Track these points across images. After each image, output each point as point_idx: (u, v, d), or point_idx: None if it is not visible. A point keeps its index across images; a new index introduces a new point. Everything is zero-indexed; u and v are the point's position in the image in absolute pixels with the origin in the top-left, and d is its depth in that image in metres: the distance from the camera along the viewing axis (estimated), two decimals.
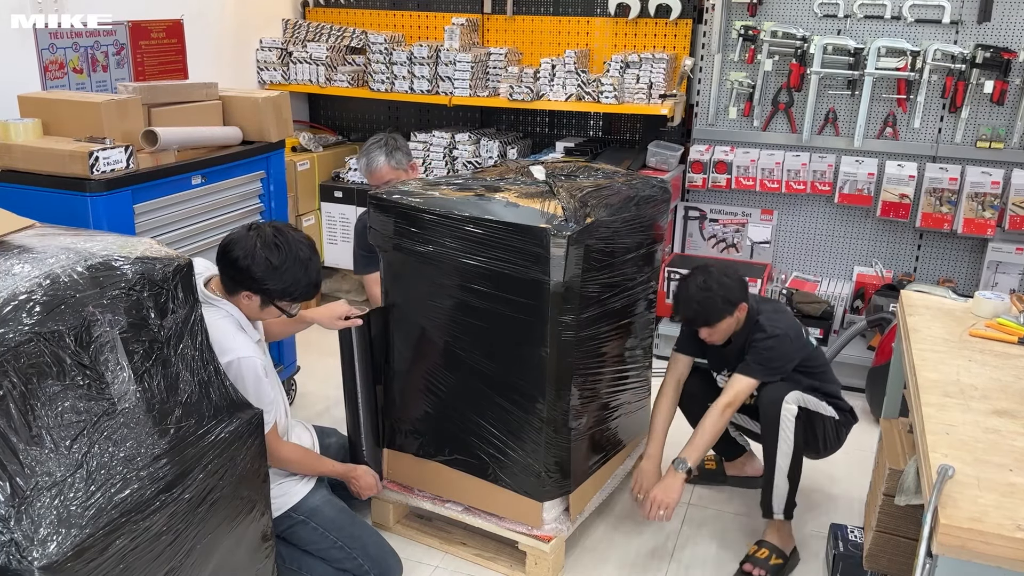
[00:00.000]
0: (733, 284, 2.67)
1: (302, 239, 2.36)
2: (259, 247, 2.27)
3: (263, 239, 2.28)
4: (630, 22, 4.32)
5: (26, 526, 1.51)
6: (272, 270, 2.28)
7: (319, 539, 2.50)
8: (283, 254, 2.28)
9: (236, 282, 2.33)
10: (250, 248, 2.27)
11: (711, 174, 4.27)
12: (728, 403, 2.68)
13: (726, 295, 2.65)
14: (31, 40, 3.28)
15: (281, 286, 2.31)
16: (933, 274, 4.21)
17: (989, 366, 2.11)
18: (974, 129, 3.95)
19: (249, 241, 2.28)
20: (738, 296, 2.68)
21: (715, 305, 2.65)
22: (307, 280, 2.34)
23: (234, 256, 2.28)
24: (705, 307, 2.65)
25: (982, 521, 1.49)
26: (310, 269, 2.34)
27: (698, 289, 2.66)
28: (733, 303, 2.66)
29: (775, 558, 2.70)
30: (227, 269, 2.32)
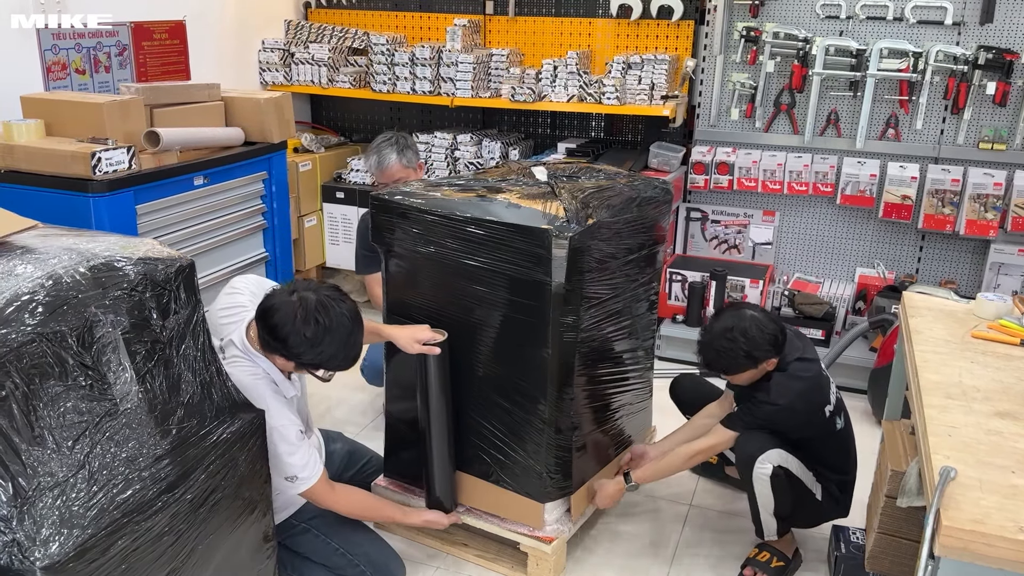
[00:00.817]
0: (762, 338, 2.42)
1: (345, 312, 2.21)
2: (299, 319, 2.15)
3: (304, 310, 2.15)
4: (632, 23, 4.32)
5: (28, 526, 1.51)
6: (309, 345, 2.17)
7: (321, 546, 2.48)
8: (322, 329, 2.16)
9: (271, 347, 2.24)
10: (289, 318, 2.16)
11: (713, 175, 4.27)
12: (702, 451, 2.60)
13: (750, 350, 2.42)
14: (34, 41, 3.29)
15: (316, 360, 2.23)
16: (935, 275, 4.21)
17: (991, 368, 2.11)
18: (976, 130, 3.94)
19: (289, 310, 2.16)
20: (764, 353, 2.44)
21: (735, 358, 2.44)
22: (344, 355, 2.24)
23: (273, 323, 2.18)
24: (724, 357, 2.46)
25: (984, 523, 1.49)
26: (350, 345, 2.23)
27: (722, 335, 2.45)
28: (756, 359, 2.44)
29: (776, 561, 2.69)
30: (265, 332, 2.22)
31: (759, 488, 2.52)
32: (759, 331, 2.42)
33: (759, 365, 2.46)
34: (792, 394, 2.46)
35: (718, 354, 2.47)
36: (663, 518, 3.02)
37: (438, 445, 2.61)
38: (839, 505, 2.66)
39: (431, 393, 2.55)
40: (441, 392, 2.56)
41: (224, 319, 2.36)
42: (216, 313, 2.37)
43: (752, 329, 2.42)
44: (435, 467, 2.63)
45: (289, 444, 2.27)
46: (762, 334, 2.42)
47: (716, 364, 2.51)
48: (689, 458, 2.63)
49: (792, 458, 2.51)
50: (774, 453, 2.48)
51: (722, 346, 2.44)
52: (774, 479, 2.48)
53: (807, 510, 2.62)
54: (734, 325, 2.44)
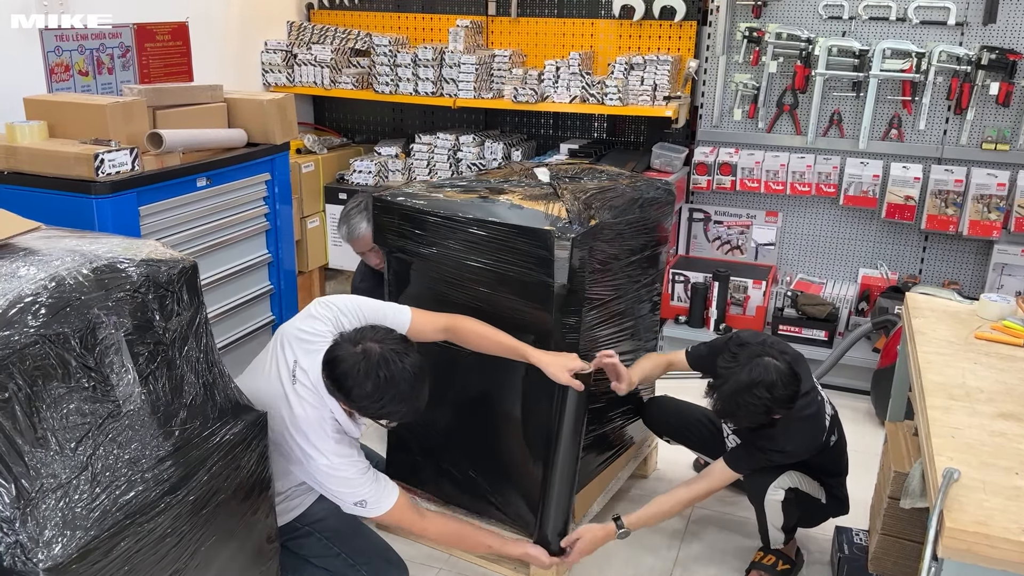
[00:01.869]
0: (785, 394, 2.29)
1: (408, 366, 2.15)
2: (360, 373, 2.13)
3: (367, 363, 2.13)
4: (634, 24, 4.32)
5: (31, 528, 1.51)
6: (370, 399, 2.16)
7: (323, 551, 2.48)
8: (383, 383, 2.13)
9: (334, 395, 2.23)
10: (352, 371, 2.13)
11: (715, 176, 4.26)
12: (700, 495, 2.56)
13: (772, 406, 2.29)
14: (37, 42, 3.29)
15: (378, 413, 2.23)
16: (938, 276, 4.20)
17: (995, 369, 2.10)
18: (980, 131, 3.94)
19: (352, 362, 2.14)
20: (784, 410, 2.33)
21: (754, 414, 2.32)
22: (407, 408, 2.22)
23: (336, 375, 2.17)
24: (743, 411, 2.32)
25: (988, 525, 1.48)
26: (412, 398, 2.20)
27: (747, 389, 2.28)
28: (773, 413, 2.34)
29: (782, 564, 2.69)
30: (329, 381, 2.20)
31: (771, 511, 2.54)
32: (784, 387, 2.28)
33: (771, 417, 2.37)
34: (798, 438, 2.44)
35: (738, 407, 2.31)
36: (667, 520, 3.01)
37: (561, 482, 2.51)
38: (841, 505, 2.69)
39: (564, 426, 2.46)
40: (574, 428, 2.47)
41: (300, 339, 2.31)
42: (295, 325, 2.35)
43: (778, 386, 2.27)
44: (553, 504, 2.53)
45: (348, 483, 2.27)
46: (786, 389, 2.29)
47: (732, 417, 2.43)
48: (686, 503, 2.58)
49: (802, 476, 2.53)
50: (785, 478, 2.50)
51: (744, 401, 2.29)
52: (785, 502, 2.51)
53: (814, 515, 2.66)
54: (762, 379, 2.27)
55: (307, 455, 2.24)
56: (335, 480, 2.27)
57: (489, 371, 2.56)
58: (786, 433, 2.41)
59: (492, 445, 2.65)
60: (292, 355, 2.28)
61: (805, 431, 2.44)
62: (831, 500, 2.64)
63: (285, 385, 2.26)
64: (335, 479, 2.27)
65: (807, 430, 2.44)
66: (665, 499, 2.57)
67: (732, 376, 2.31)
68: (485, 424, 2.65)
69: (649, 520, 2.57)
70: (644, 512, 2.56)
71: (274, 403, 2.25)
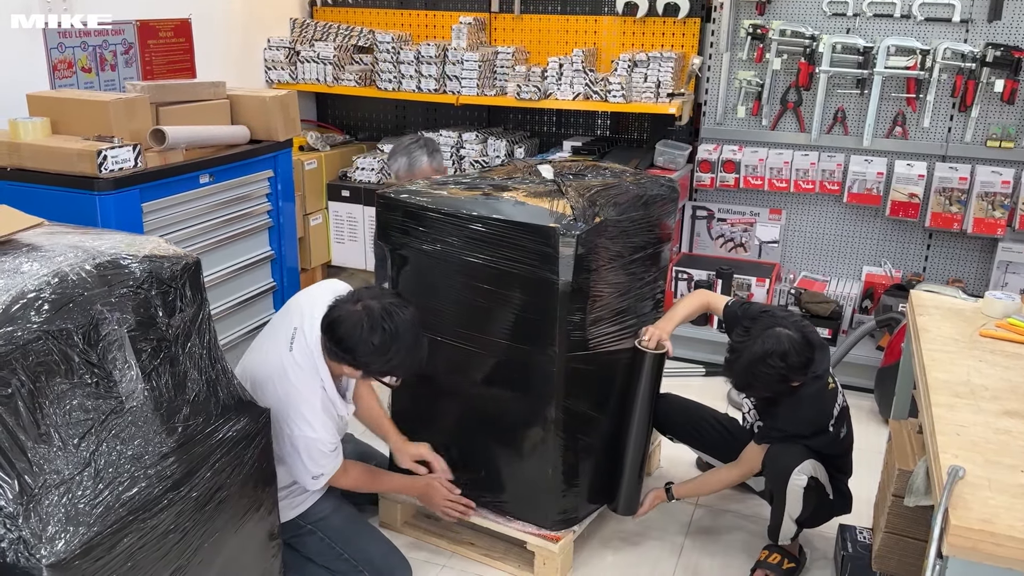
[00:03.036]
0: (799, 363, 2.36)
1: (409, 317, 2.23)
2: (365, 329, 2.17)
3: (371, 319, 2.17)
4: (638, 21, 4.31)
5: (34, 524, 1.51)
6: (378, 353, 2.20)
7: (325, 550, 2.48)
8: (389, 336, 2.18)
9: (339, 357, 2.26)
10: (356, 328, 2.18)
11: (719, 173, 4.25)
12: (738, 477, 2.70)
13: (788, 374, 2.37)
14: (40, 39, 3.29)
15: (386, 368, 2.26)
16: (943, 274, 4.19)
17: (1000, 367, 2.09)
18: (984, 128, 3.93)
19: (355, 320, 2.18)
20: (798, 375, 2.39)
21: (770, 383, 2.41)
22: (412, 360, 2.27)
23: (339, 335, 2.20)
24: (759, 381, 2.41)
25: (993, 523, 1.48)
26: (417, 348, 2.26)
27: (762, 360, 2.36)
28: (788, 382, 2.41)
29: (787, 562, 2.69)
30: (332, 343, 2.23)
31: (791, 498, 2.53)
32: (797, 356, 2.36)
33: (787, 385, 2.44)
34: (796, 422, 2.51)
35: (755, 378, 2.40)
36: (670, 518, 3.01)
37: (635, 451, 2.70)
38: (845, 502, 2.71)
39: (638, 400, 2.65)
40: (649, 400, 2.66)
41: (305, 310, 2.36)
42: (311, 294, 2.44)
43: (792, 355, 2.35)
44: (628, 470, 2.71)
45: (323, 455, 2.32)
46: (800, 358, 2.36)
47: (749, 388, 2.51)
48: (727, 483, 2.76)
49: (821, 467, 2.54)
50: (808, 465, 2.50)
51: (760, 371, 2.37)
52: (807, 491, 2.51)
53: (823, 511, 2.66)
54: (774, 350, 2.35)
55: (294, 425, 2.26)
56: (315, 453, 2.30)
57: (492, 369, 2.56)
58: (785, 417, 2.50)
59: (496, 441, 2.65)
60: (293, 323, 2.32)
61: (804, 419, 2.51)
62: (837, 496, 2.66)
63: (282, 354, 2.28)
64: (315, 452, 2.30)
65: (805, 418, 2.51)
66: (709, 476, 2.79)
67: (746, 349, 2.39)
68: (488, 420, 2.64)
69: (693, 493, 2.84)
70: (690, 485, 2.80)
71: (271, 375, 2.28)
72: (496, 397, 2.59)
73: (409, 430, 2.78)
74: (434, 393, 2.71)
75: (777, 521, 2.62)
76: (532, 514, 2.63)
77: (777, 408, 2.51)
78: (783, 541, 2.67)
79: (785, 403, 2.49)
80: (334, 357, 2.27)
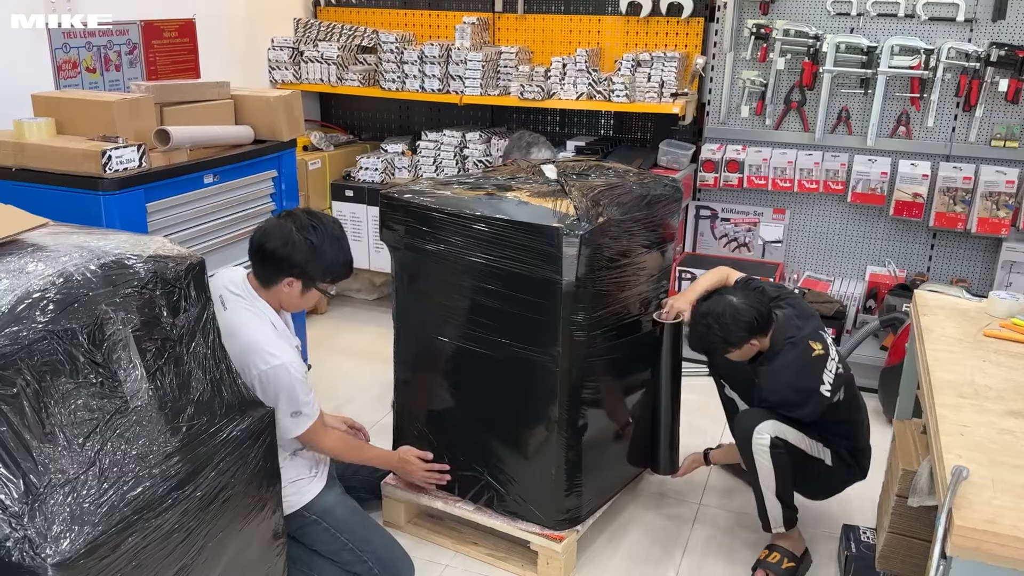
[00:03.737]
0: (736, 325, 2.51)
1: (329, 218, 2.40)
2: (295, 231, 2.28)
3: (298, 223, 2.30)
4: (641, 20, 4.31)
5: (39, 523, 1.52)
6: (313, 252, 2.30)
7: (330, 540, 2.49)
8: (321, 235, 2.31)
9: (277, 271, 2.33)
10: (287, 235, 2.28)
11: (723, 173, 4.25)
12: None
13: (725, 336, 2.53)
14: (45, 40, 3.30)
15: (323, 266, 2.34)
16: (947, 274, 4.19)
17: (1004, 367, 2.09)
18: (988, 128, 3.92)
19: (285, 228, 2.30)
20: (740, 338, 2.53)
21: (714, 342, 2.58)
22: (344, 258, 2.38)
23: (272, 247, 2.29)
24: (703, 340, 2.61)
25: (997, 523, 1.48)
26: (344, 245, 2.38)
27: (700, 320, 2.60)
28: (734, 343, 2.54)
29: (787, 561, 2.68)
30: (265, 261, 2.32)
31: (760, 462, 2.54)
32: (733, 319, 2.51)
33: (743, 346, 2.55)
34: (778, 388, 2.54)
35: (699, 338, 2.61)
36: (673, 517, 3.01)
37: (667, 417, 2.89)
38: (852, 468, 2.67)
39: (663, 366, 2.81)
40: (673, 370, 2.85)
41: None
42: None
43: (726, 316, 2.51)
44: (664, 436, 2.90)
45: (298, 382, 2.33)
46: (735, 321, 2.51)
47: (697, 346, 2.66)
48: None
49: (789, 428, 2.54)
50: (768, 424, 2.52)
51: (700, 331, 2.59)
52: (773, 450, 2.52)
53: (819, 479, 2.65)
54: (709, 311, 2.56)
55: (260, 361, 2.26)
56: (287, 382, 2.29)
57: (493, 367, 2.56)
58: (768, 383, 2.56)
59: (499, 441, 2.65)
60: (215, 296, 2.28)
61: (786, 382, 2.53)
62: (837, 462, 2.63)
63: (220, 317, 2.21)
64: (288, 381, 2.30)
65: (787, 382, 2.53)
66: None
67: (695, 310, 2.65)
68: (492, 420, 2.64)
69: (728, 458, 2.95)
70: (725, 450, 2.94)
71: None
72: (499, 397, 2.59)
73: (413, 430, 2.79)
74: (438, 393, 2.71)
75: (760, 502, 2.63)
76: (535, 514, 2.63)
77: (759, 378, 2.59)
78: (776, 527, 2.64)
79: (763, 371, 2.57)
80: (271, 280, 2.34)
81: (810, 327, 2.61)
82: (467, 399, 2.67)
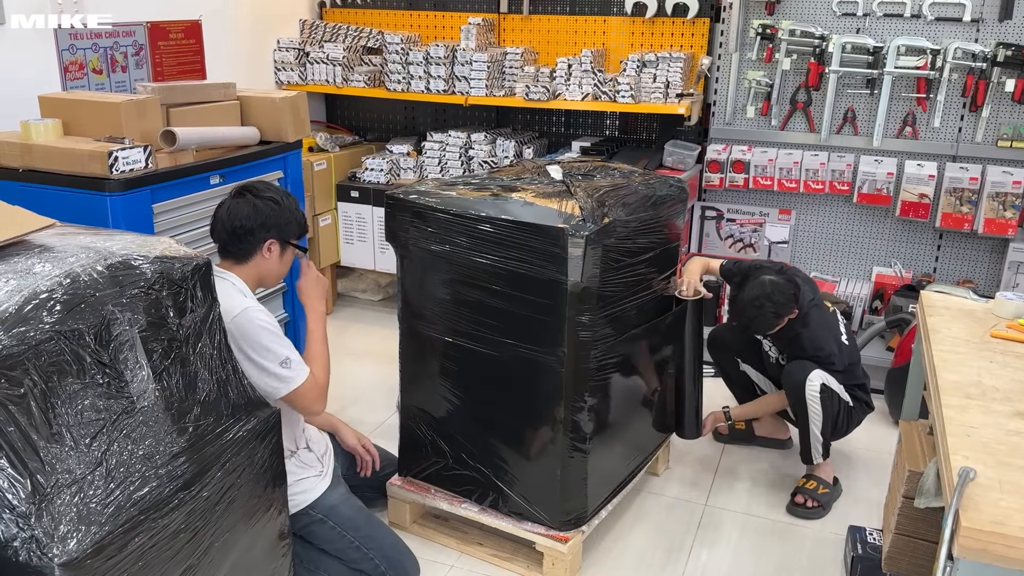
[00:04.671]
0: (784, 299, 2.86)
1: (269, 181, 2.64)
2: (259, 201, 2.42)
3: (254, 192, 2.44)
4: (647, 21, 4.31)
5: (46, 523, 1.52)
6: (281, 210, 2.44)
7: (336, 538, 2.50)
8: (278, 194, 2.48)
9: (254, 241, 2.42)
10: (252, 205, 2.41)
11: (728, 174, 4.25)
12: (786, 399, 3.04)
13: (778, 311, 2.86)
14: (51, 41, 3.31)
15: (293, 220, 2.48)
16: (953, 275, 4.18)
17: (1011, 367, 2.09)
18: (995, 128, 3.91)
19: (247, 202, 2.42)
20: (788, 309, 2.88)
21: (767, 321, 2.89)
22: (302, 214, 2.55)
23: (239, 223, 2.40)
24: (757, 322, 2.92)
25: (1004, 524, 1.47)
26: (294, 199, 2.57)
27: (751, 304, 2.87)
28: (783, 316, 2.89)
29: (822, 488, 3.02)
30: (242, 238, 2.41)
31: (811, 406, 2.91)
32: (781, 294, 2.85)
33: (787, 317, 2.91)
34: (826, 342, 2.93)
35: (752, 320, 2.91)
36: (679, 518, 3.01)
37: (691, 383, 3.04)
38: (864, 405, 3.06)
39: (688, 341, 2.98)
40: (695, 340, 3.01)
41: None
42: None
43: (776, 294, 2.85)
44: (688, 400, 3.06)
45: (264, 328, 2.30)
46: (783, 295, 2.86)
47: (751, 328, 2.99)
48: (778, 405, 3.16)
49: (830, 376, 2.91)
50: (817, 373, 2.89)
51: (754, 314, 2.88)
52: (822, 395, 2.88)
53: (846, 419, 3.01)
54: (760, 294, 2.86)
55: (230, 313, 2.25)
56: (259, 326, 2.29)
57: (499, 368, 2.56)
58: (813, 341, 2.92)
59: (504, 442, 2.65)
60: None
61: (826, 337, 2.95)
62: (856, 403, 3.02)
63: None
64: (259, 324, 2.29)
65: (828, 335, 2.97)
66: (761, 400, 3.26)
67: (740, 299, 2.93)
68: (497, 421, 2.64)
69: (748, 414, 3.31)
70: (746, 408, 3.29)
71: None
72: (505, 397, 2.59)
73: (418, 430, 2.79)
74: (443, 394, 2.71)
75: (805, 439, 2.98)
76: (541, 514, 2.63)
77: (801, 341, 2.93)
78: (816, 459, 3.00)
79: (803, 335, 2.92)
80: (248, 254, 2.43)
81: (816, 290, 3.06)
82: (472, 400, 2.67)
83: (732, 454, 3.42)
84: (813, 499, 3.00)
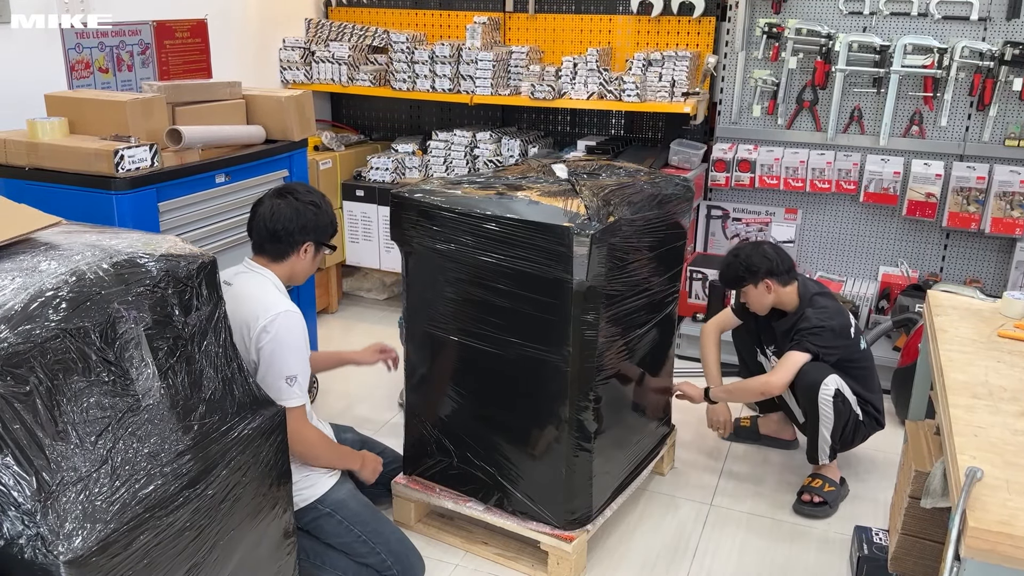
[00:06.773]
0: (758, 261, 2.93)
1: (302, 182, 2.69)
2: (296, 203, 2.48)
3: (295, 195, 2.50)
4: (653, 20, 4.30)
5: (52, 521, 1.52)
6: (320, 214, 2.52)
7: (343, 532, 2.51)
8: (317, 196, 2.56)
9: (293, 242, 2.49)
10: (295, 208, 2.48)
11: (734, 173, 4.24)
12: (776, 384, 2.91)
13: (748, 266, 2.94)
14: (58, 40, 3.32)
15: (328, 220, 2.56)
16: (960, 274, 4.16)
17: (1019, 367, 2.08)
18: (1002, 127, 3.90)
19: (289, 204, 2.48)
20: (760, 269, 2.92)
21: (735, 273, 2.97)
22: (335, 214, 2.62)
23: (281, 226, 2.46)
24: (726, 272, 3.03)
25: (1012, 524, 1.46)
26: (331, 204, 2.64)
27: (728, 255, 3.04)
28: (752, 274, 2.94)
29: (828, 486, 3.02)
30: (279, 239, 2.48)
31: (823, 409, 2.88)
32: (758, 256, 2.94)
33: (758, 284, 2.94)
34: (827, 316, 2.90)
35: (721, 273, 3.06)
36: (684, 518, 3.00)
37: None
38: (875, 423, 3.03)
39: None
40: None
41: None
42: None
43: (753, 254, 2.95)
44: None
45: (303, 340, 2.41)
46: (759, 258, 2.93)
47: (721, 278, 3.09)
48: (763, 388, 2.98)
49: (843, 383, 2.89)
50: (832, 378, 2.87)
51: (726, 263, 3.03)
52: (835, 399, 2.86)
53: (853, 431, 2.98)
54: (739, 250, 3.01)
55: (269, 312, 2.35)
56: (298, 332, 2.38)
57: (504, 367, 2.56)
58: (818, 315, 2.91)
59: (509, 441, 2.64)
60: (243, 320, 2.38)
61: (831, 312, 2.92)
62: (866, 418, 2.99)
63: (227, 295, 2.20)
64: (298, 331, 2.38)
65: (833, 312, 2.93)
66: (747, 381, 3.11)
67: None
68: (502, 420, 2.64)
69: (730, 396, 3.18)
70: (728, 388, 3.17)
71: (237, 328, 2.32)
72: (510, 397, 2.59)
73: (422, 429, 2.79)
74: (448, 393, 2.71)
75: (813, 439, 2.96)
76: (545, 514, 2.63)
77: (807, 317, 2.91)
78: (823, 460, 2.98)
79: (807, 314, 2.92)
80: (286, 254, 2.50)
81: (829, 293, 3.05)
82: (477, 399, 2.67)
83: (737, 455, 3.41)
84: (820, 496, 3.00)
